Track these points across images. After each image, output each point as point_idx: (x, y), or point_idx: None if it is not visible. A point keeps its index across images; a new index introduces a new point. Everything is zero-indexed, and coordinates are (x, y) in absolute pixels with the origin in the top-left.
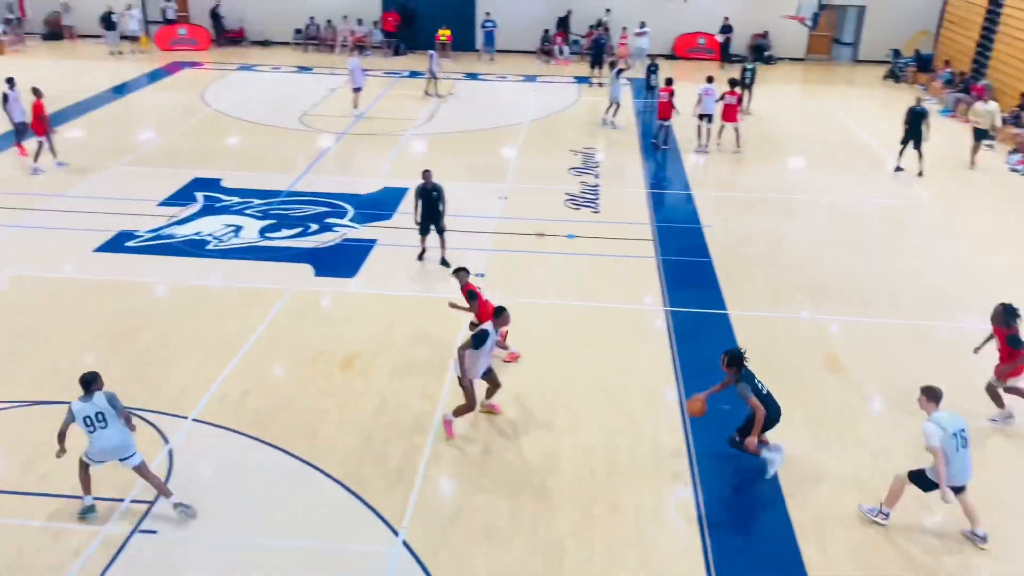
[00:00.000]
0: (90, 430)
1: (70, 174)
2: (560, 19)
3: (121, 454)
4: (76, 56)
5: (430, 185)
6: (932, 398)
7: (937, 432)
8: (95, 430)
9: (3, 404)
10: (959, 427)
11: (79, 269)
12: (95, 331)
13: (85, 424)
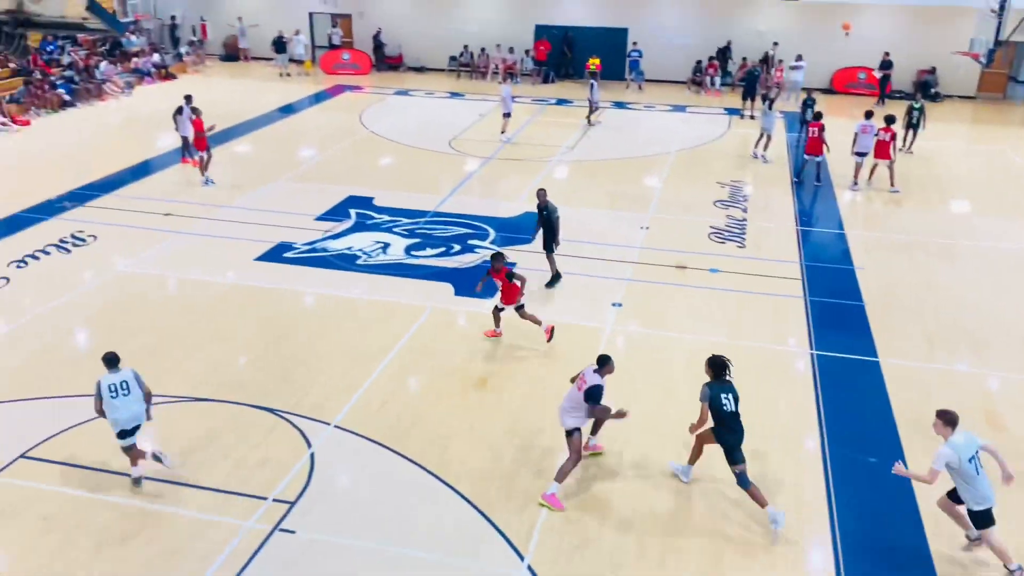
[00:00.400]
0: (113, 396)
1: (235, 188)
2: (719, 50)
3: (134, 423)
4: (249, 76)
5: (542, 204)
6: (948, 422)
7: (951, 456)
8: (117, 396)
9: (168, 398)
10: (974, 450)
11: (241, 276)
12: (251, 335)
13: (110, 391)
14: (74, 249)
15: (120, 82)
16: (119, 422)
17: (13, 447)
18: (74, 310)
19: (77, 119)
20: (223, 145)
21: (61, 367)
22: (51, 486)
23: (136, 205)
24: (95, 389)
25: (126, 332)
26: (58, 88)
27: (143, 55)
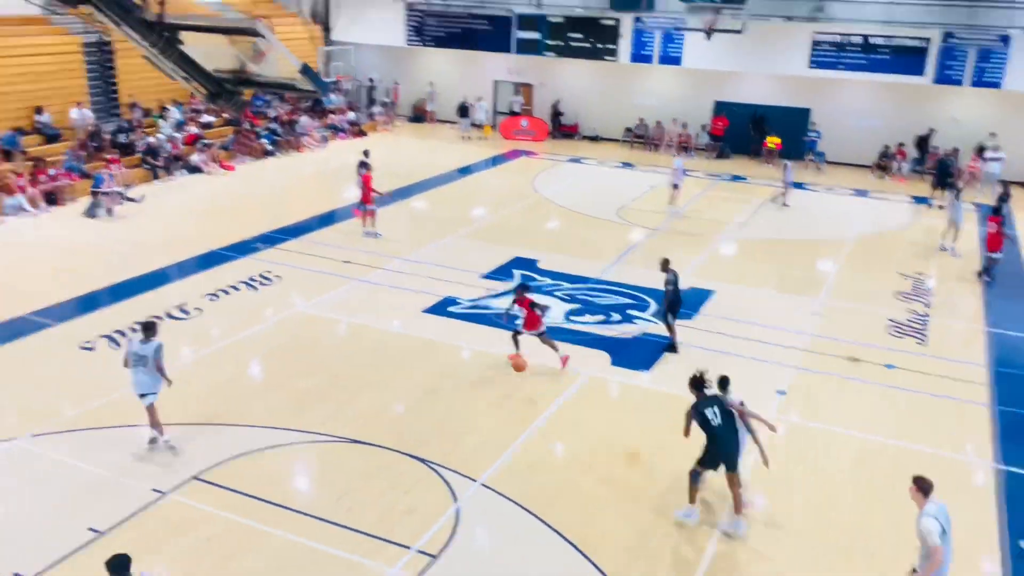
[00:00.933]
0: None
1: (411, 241)
2: (920, 137)
3: (141, 390)
4: (433, 137)
5: (665, 272)
6: (924, 490)
7: (937, 528)
8: (140, 366)
9: (330, 438)
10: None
11: (407, 326)
12: (411, 383)
13: (132, 358)
14: (261, 287)
15: (317, 136)
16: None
17: (188, 468)
18: (255, 344)
19: (276, 167)
20: (404, 200)
21: (238, 397)
22: (216, 509)
23: (319, 251)
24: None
25: (298, 369)
26: (262, 138)
27: (339, 112)
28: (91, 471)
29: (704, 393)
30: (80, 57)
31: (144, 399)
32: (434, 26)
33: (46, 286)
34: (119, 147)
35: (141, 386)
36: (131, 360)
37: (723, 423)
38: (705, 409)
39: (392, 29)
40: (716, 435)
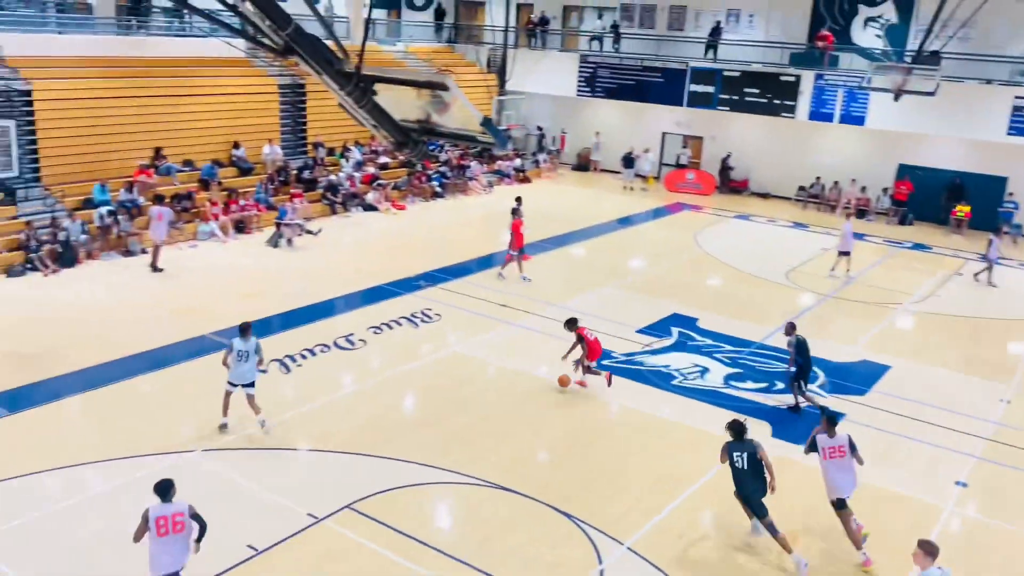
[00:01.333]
0: (239, 360)
1: (567, 289)
2: None
3: (245, 380)
4: (596, 186)
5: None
6: (929, 553)
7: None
8: (241, 361)
9: (477, 481)
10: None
11: (556, 373)
12: (557, 434)
13: (238, 356)
14: (421, 324)
15: (483, 180)
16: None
17: (343, 496)
18: (412, 379)
19: (443, 209)
20: (562, 248)
21: (392, 430)
22: (365, 540)
23: (478, 292)
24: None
25: (450, 407)
26: (433, 181)
27: (507, 159)
28: (253, 490)
29: (741, 437)
30: (276, 97)
31: (247, 388)
32: (606, 78)
33: (229, 308)
34: (303, 182)
35: (244, 377)
36: (235, 357)
37: (747, 467)
38: (733, 452)
39: (564, 80)
40: (739, 478)
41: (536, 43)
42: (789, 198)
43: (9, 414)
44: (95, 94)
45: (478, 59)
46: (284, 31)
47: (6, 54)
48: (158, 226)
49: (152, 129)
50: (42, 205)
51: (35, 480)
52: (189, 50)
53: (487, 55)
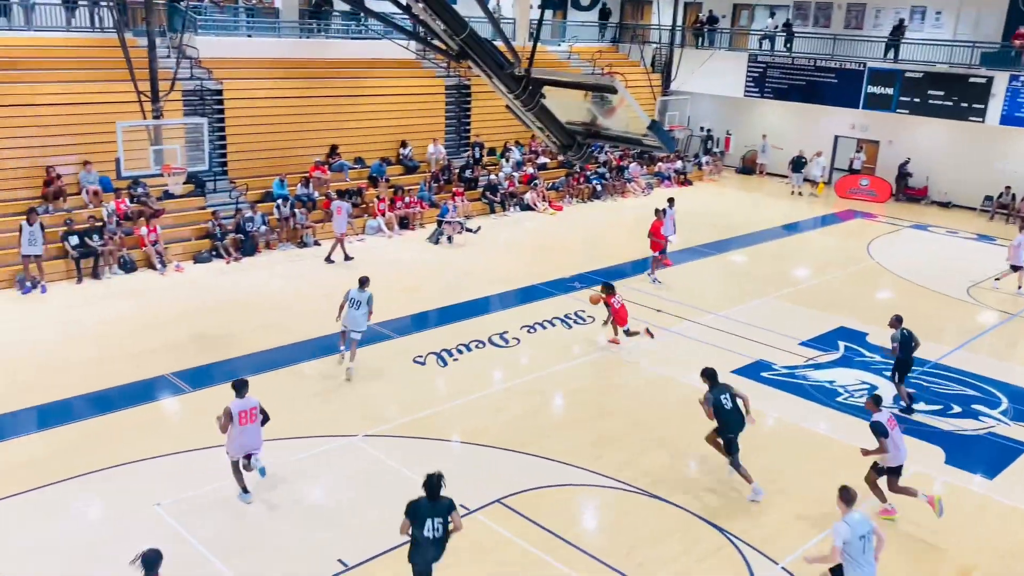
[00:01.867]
0: (352, 307)
1: (726, 297)
2: None
3: (356, 327)
4: (760, 191)
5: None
6: (847, 500)
7: (846, 532)
8: (353, 308)
9: (626, 486)
10: (867, 530)
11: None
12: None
13: (353, 304)
14: (574, 325)
15: (642, 182)
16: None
17: (494, 490)
18: (562, 380)
19: (600, 210)
20: (722, 254)
21: (542, 429)
22: (513, 535)
23: (632, 296)
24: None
25: (601, 411)
26: (591, 181)
27: (667, 160)
28: (409, 476)
29: (717, 381)
30: (442, 98)
31: (354, 334)
32: (776, 78)
33: (391, 300)
34: (464, 181)
35: (356, 323)
36: (349, 304)
37: (733, 406)
38: (720, 396)
39: (731, 80)
40: (729, 419)
41: (703, 42)
42: (973, 208)
43: (193, 391)
44: (278, 94)
45: (642, 58)
46: (459, 36)
47: (201, 56)
48: (338, 219)
49: (328, 127)
50: (228, 197)
51: (211, 454)
52: (364, 52)
53: (652, 54)
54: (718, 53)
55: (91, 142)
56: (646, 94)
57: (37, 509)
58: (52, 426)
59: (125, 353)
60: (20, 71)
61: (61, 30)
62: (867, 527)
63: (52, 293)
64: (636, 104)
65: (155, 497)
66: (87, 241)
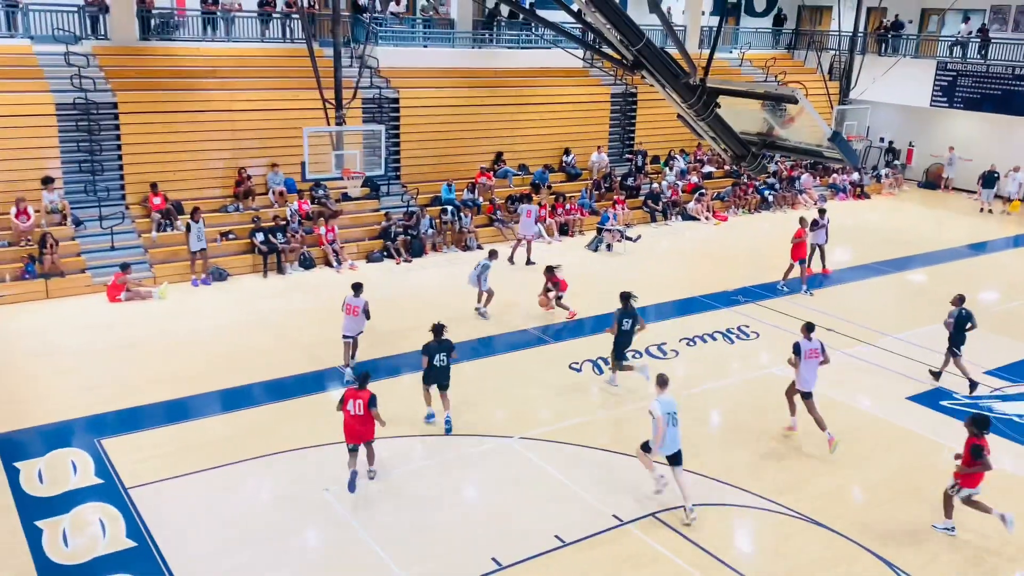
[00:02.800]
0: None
1: (902, 317)
2: None
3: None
4: (944, 207)
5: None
6: (661, 384)
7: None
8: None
9: (787, 510)
10: (672, 409)
11: (884, 409)
12: (880, 473)
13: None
14: (736, 341)
15: (815, 194)
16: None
17: (648, 503)
18: (722, 396)
19: (768, 222)
20: (899, 273)
21: (699, 446)
22: (667, 551)
23: (801, 313)
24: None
25: (761, 431)
26: (760, 192)
27: (843, 172)
28: (563, 482)
29: (630, 305)
30: (607, 106)
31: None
32: (967, 87)
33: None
34: (626, 189)
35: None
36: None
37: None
38: (623, 318)
39: (917, 89)
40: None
41: (886, 49)
42: None
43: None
44: (449, 102)
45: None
46: (635, 46)
47: (380, 66)
48: (527, 223)
49: (495, 135)
50: (400, 200)
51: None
52: (533, 61)
53: (830, 61)
54: (903, 60)
55: (279, 146)
56: (823, 102)
57: (218, 486)
58: (231, 410)
59: (300, 344)
60: (219, 79)
61: (256, 41)
62: (674, 407)
63: (239, 285)
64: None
65: (325, 482)
66: (271, 238)
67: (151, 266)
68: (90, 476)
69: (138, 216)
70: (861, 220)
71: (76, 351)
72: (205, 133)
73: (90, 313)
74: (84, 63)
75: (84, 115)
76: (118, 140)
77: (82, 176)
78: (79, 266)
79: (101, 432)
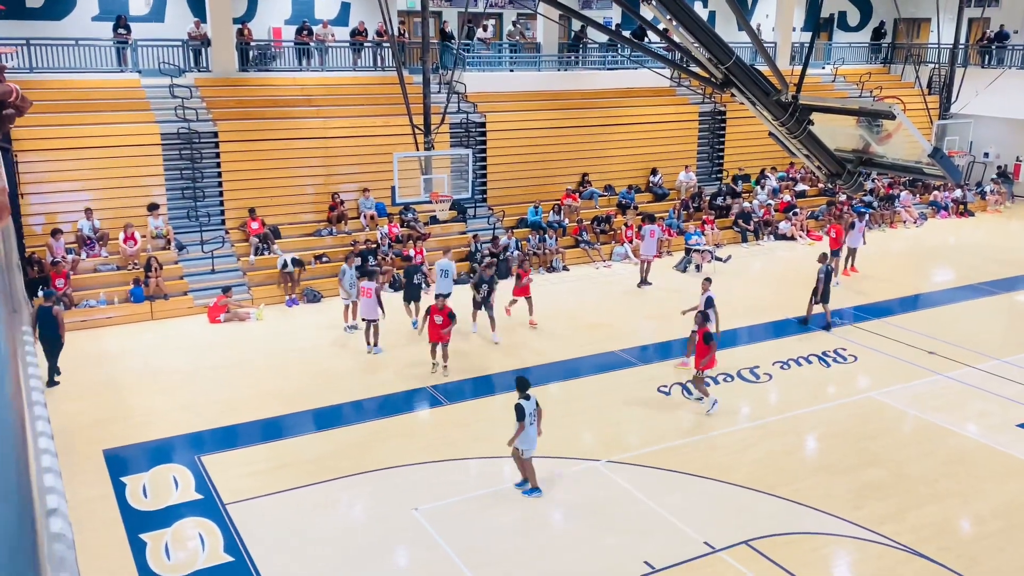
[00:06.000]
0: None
1: (1013, 340)
2: None
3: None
4: None
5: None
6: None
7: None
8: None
9: (889, 542)
10: (534, 408)
11: (994, 438)
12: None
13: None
14: (833, 364)
15: (915, 212)
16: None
17: (741, 531)
18: (819, 421)
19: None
20: (1008, 293)
21: (794, 472)
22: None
23: (901, 335)
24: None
25: (861, 458)
26: (856, 210)
27: (945, 189)
28: (651, 507)
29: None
30: (695, 125)
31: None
32: None
33: (635, 326)
34: (715, 208)
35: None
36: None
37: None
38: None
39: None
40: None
41: (990, 60)
42: None
43: (449, 404)
44: (535, 125)
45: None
46: (724, 64)
47: (468, 91)
48: (650, 243)
49: (580, 156)
50: (486, 223)
51: (465, 465)
52: (619, 82)
53: (928, 75)
54: (1008, 71)
55: (370, 171)
56: (922, 117)
57: (312, 503)
58: (324, 428)
59: (390, 365)
60: (313, 107)
61: (348, 70)
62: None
63: (333, 307)
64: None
65: (414, 502)
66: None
67: (249, 288)
68: (191, 491)
69: (237, 240)
70: (965, 239)
71: (178, 371)
72: (300, 159)
73: (192, 334)
74: (187, 94)
75: (187, 144)
76: (218, 168)
77: (185, 202)
78: (182, 289)
79: (201, 449)
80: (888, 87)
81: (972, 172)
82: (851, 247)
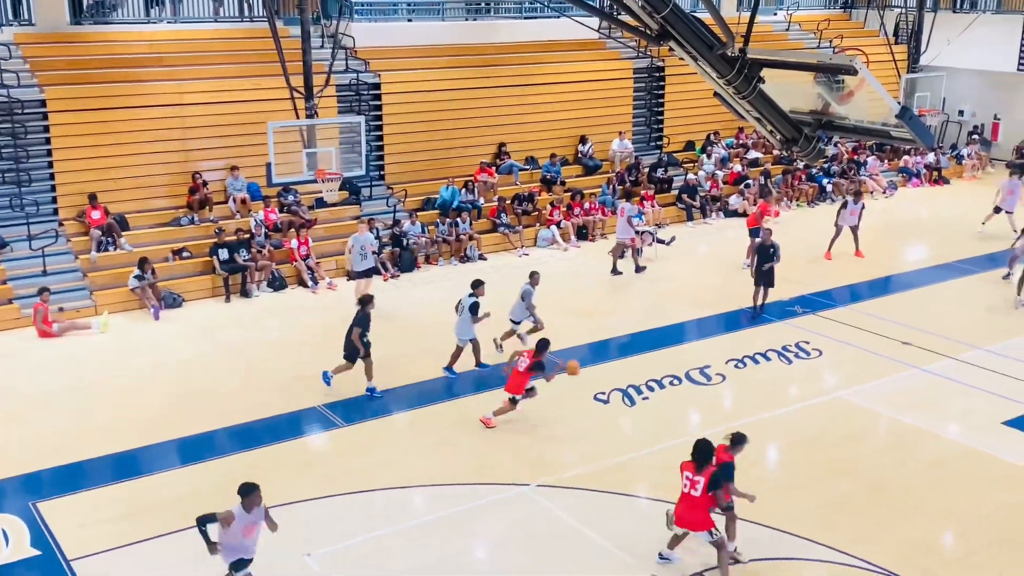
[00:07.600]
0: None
1: (996, 328)
2: None
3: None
4: None
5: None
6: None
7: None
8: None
9: (868, 566)
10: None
11: (978, 439)
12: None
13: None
14: (795, 360)
15: (883, 181)
16: None
17: (696, 559)
18: (780, 428)
19: (827, 215)
20: (989, 272)
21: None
22: None
23: (871, 324)
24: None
25: (830, 469)
26: (816, 180)
27: (916, 153)
28: (591, 538)
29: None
30: (630, 84)
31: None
32: None
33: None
34: (655, 182)
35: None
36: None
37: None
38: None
39: (1001, 51)
40: None
41: (963, 4)
42: None
43: (345, 425)
44: (440, 85)
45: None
46: (660, 13)
47: (357, 45)
48: (622, 224)
49: (496, 123)
50: (385, 205)
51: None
52: (538, 34)
53: (895, 21)
54: (983, 17)
55: (239, 145)
56: (888, 71)
57: (177, 555)
58: (192, 462)
59: (273, 381)
60: (166, 68)
61: (208, 21)
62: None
63: (197, 312)
64: (881, 87)
65: (305, 546)
66: (234, 256)
67: (91, 292)
68: (25, 547)
69: (74, 234)
70: (939, 210)
71: (3, 396)
72: (151, 132)
73: (19, 352)
74: (5, 54)
75: (7, 116)
76: (48, 144)
77: (7, 188)
78: (6, 295)
79: (37, 493)
80: (849, 36)
81: (946, 133)
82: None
